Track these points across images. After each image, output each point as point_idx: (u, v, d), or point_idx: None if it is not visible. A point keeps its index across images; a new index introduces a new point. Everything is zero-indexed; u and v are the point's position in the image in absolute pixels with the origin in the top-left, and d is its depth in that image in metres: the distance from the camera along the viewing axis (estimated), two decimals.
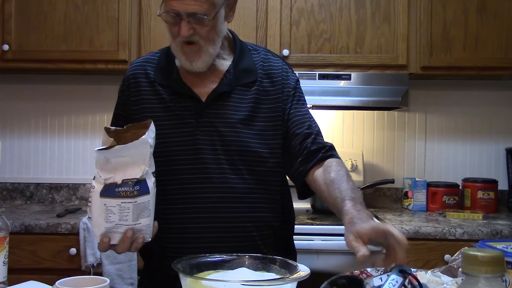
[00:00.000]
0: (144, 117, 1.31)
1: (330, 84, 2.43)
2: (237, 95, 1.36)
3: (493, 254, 0.64)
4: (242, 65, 1.39)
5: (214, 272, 1.03)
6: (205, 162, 1.31)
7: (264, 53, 1.45)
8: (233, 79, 1.37)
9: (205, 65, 1.33)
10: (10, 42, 2.44)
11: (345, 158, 2.68)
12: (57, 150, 2.83)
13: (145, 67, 1.42)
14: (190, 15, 1.26)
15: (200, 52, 1.31)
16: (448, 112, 2.82)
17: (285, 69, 1.44)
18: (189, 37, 1.28)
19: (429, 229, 2.14)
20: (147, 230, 1.14)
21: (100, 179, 1.10)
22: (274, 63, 1.43)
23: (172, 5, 1.26)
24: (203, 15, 1.26)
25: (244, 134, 1.33)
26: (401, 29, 2.44)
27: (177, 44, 1.32)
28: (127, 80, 1.42)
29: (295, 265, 1.00)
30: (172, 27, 1.30)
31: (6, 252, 1.14)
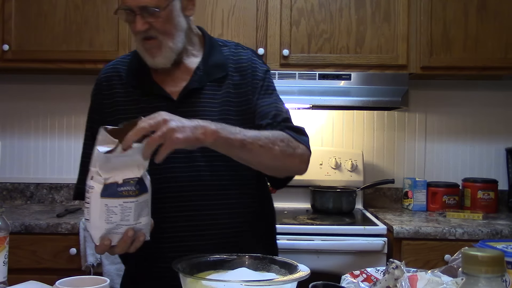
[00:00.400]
0: (118, 119, 1.30)
1: (330, 84, 2.43)
2: (208, 91, 1.35)
3: (493, 254, 0.64)
4: (212, 61, 1.38)
5: (214, 272, 1.03)
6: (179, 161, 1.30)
7: (234, 47, 1.44)
8: (203, 75, 1.36)
9: (167, 61, 1.33)
10: (10, 42, 2.44)
11: (345, 158, 2.68)
12: (57, 150, 2.83)
13: (117, 69, 1.42)
14: (142, 9, 1.26)
15: (160, 47, 1.31)
16: (448, 112, 2.82)
17: (254, 61, 1.42)
18: (146, 32, 1.28)
19: (429, 229, 2.14)
20: (147, 229, 1.13)
21: (99, 179, 1.06)
22: (244, 56, 1.42)
23: (125, 1, 1.26)
24: (155, 8, 1.26)
25: None
26: (401, 29, 2.44)
27: (138, 42, 1.32)
28: (99, 84, 1.42)
29: (295, 265, 1.00)
30: (131, 25, 1.30)
31: (6, 252, 1.14)
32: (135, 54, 1.42)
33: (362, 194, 2.69)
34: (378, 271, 1.03)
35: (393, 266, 0.93)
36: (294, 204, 2.67)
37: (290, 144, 1.27)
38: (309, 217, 2.42)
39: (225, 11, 2.45)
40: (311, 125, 2.82)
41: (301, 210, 2.59)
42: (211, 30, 2.44)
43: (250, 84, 1.38)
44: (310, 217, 2.42)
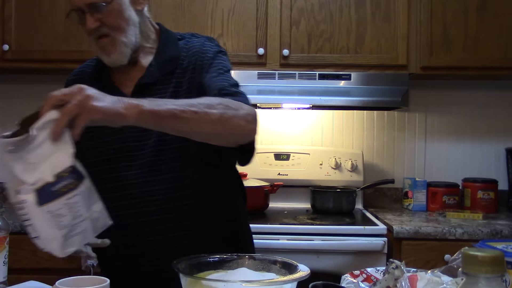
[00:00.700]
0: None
1: (330, 84, 2.43)
2: (160, 85, 1.35)
3: (493, 254, 0.64)
4: (165, 56, 1.38)
5: (214, 272, 1.03)
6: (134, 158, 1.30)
7: (188, 37, 1.43)
8: (155, 70, 1.36)
9: (122, 56, 1.33)
10: (10, 42, 2.44)
11: (345, 158, 2.68)
12: None
13: (83, 72, 1.44)
14: (90, 7, 1.26)
15: (114, 43, 1.31)
16: (448, 112, 2.82)
17: (204, 45, 1.39)
18: (98, 30, 1.28)
19: (429, 229, 2.14)
20: (104, 214, 1.02)
21: (27, 188, 0.90)
22: (195, 44, 1.40)
23: (73, 2, 1.26)
24: (102, 3, 1.26)
25: None
26: (401, 29, 2.44)
27: (93, 42, 1.32)
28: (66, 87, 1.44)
29: (295, 265, 1.00)
30: (83, 26, 1.30)
31: (6, 252, 1.14)
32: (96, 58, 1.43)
33: (362, 194, 2.69)
34: (378, 271, 1.03)
35: (393, 266, 0.93)
36: (294, 204, 2.67)
37: (230, 105, 1.15)
38: (309, 217, 2.42)
39: (225, 11, 2.45)
40: (311, 125, 2.82)
41: (301, 210, 2.59)
42: (211, 30, 2.44)
43: (198, 67, 1.34)
44: (310, 217, 2.42)
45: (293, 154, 2.70)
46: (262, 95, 2.43)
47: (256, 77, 2.42)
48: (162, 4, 2.44)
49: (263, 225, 2.18)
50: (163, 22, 2.43)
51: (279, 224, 2.23)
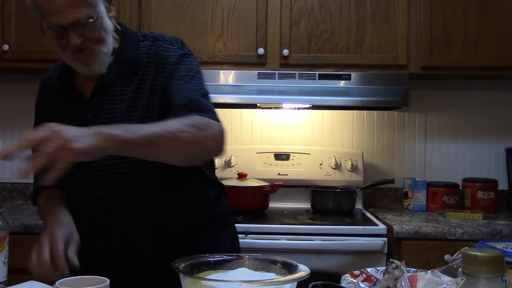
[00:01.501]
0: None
1: (330, 84, 2.43)
2: (119, 87, 1.34)
3: (493, 254, 0.64)
4: (124, 57, 1.37)
5: (214, 272, 1.03)
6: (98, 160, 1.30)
7: (151, 40, 1.40)
8: (114, 71, 1.35)
9: (103, 66, 1.33)
10: (10, 42, 2.44)
11: (345, 158, 2.68)
12: None
13: (51, 76, 1.47)
14: (74, 24, 1.25)
15: (93, 54, 1.30)
16: (448, 112, 2.82)
17: (166, 49, 1.36)
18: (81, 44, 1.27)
19: (429, 229, 2.14)
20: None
21: None
22: (158, 47, 1.37)
23: (53, 20, 1.24)
24: (88, 19, 1.25)
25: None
26: (401, 29, 2.44)
27: (69, 55, 1.31)
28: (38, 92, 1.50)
29: (295, 265, 1.00)
30: (59, 41, 1.29)
31: (6, 252, 1.14)
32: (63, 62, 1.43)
33: (362, 194, 2.69)
34: (378, 271, 1.03)
35: (393, 266, 0.93)
36: (294, 204, 2.67)
37: (200, 126, 1.17)
38: (309, 217, 2.42)
39: (225, 11, 2.45)
40: (311, 125, 2.82)
41: (301, 210, 2.59)
42: (211, 30, 2.45)
43: (161, 72, 1.33)
44: (310, 217, 2.42)
45: (293, 154, 2.70)
46: (262, 95, 2.43)
47: (256, 77, 2.42)
48: (162, 4, 2.44)
49: (263, 225, 2.18)
50: (163, 22, 2.45)
51: (279, 224, 2.23)
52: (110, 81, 1.34)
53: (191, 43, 2.36)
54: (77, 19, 1.24)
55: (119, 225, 1.32)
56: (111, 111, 1.32)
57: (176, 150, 1.13)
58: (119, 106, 1.32)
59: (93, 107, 1.34)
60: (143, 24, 2.44)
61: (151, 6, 2.45)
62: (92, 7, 1.26)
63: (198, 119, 1.18)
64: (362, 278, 1.02)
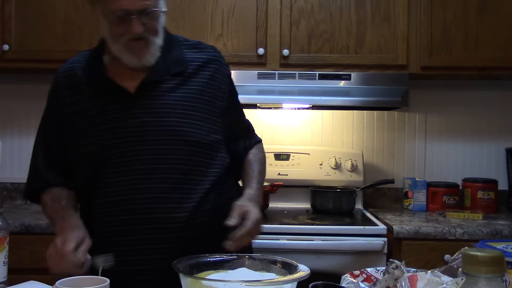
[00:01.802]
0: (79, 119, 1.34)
1: (330, 84, 2.43)
2: (168, 84, 1.36)
3: (493, 254, 0.64)
4: (171, 56, 1.39)
5: (214, 272, 1.03)
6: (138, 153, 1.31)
7: (196, 44, 1.47)
8: (162, 69, 1.36)
9: (153, 58, 1.35)
10: (10, 42, 2.44)
11: (345, 158, 2.68)
12: None
13: (74, 68, 1.43)
14: (140, 12, 1.26)
15: (148, 46, 1.32)
16: (448, 112, 2.82)
17: (219, 58, 1.47)
18: (142, 33, 1.29)
19: (429, 229, 2.14)
20: None
21: None
22: (207, 53, 1.44)
23: (121, 5, 1.25)
24: (155, 9, 1.28)
25: (172, 121, 1.33)
26: (401, 29, 2.44)
27: (121, 43, 1.31)
28: (57, 83, 1.43)
29: (295, 265, 1.00)
30: (118, 27, 1.29)
31: (6, 252, 1.14)
32: (92, 52, 1.43)
33: (362, 194, 2.69)
34: (378, 271, 1.03)
35: (393, 266, 0.93)
36: (294, 204, 2.66)
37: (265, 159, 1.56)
38: (309, 217, 2.42)
39: (225, 11, 2.45)
40: (311, 125, 2.82)
41: (301, 210, 2.59)
42: (211, 30, 2.44)
43: (217, 88, 1.42)
44: (310, 217, 2.42)
45: (293, 154, 2.70)
46: (262, 95, 2.43)
47: (256, 77, 2.42)
48: None
49: (263, 225, 2.18)
50: None
51: (279, 224, 2.23)
52: (158, 77, 1.36)
53: None
54: (145, 6, 1.26)
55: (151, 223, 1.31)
56: (159, 108, 1.33)
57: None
58: (166, 104, 1.34)
59: (140, 102, 1.34)
60: None
61: None
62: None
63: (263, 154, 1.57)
64: (362, 278, 1.02)
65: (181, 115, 1.34)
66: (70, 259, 1.16)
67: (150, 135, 1.31)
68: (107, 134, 1.32)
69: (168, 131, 1.32)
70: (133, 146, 1.31)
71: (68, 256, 1.16)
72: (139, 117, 1.32)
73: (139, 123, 1.31)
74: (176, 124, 1.33)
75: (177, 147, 1.32)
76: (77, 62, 1.44)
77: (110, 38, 1.33)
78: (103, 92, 1.36)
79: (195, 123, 1.35)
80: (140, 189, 1.30)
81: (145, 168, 1.31)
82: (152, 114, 1.32)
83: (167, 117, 1.32)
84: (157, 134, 1.31)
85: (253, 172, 1.46)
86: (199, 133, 1.35)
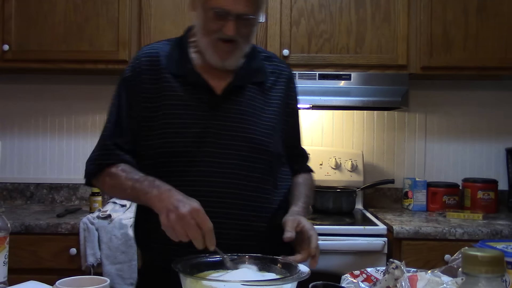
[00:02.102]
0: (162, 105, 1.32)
1: (330, 84, 2.43)
2: (249, 92, 1.38)
3: (493, 254, 0.64)
4: (253, 64, 1.42)
5: (214, 272, 1.03)
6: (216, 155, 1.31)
7: (272, 57, 1.50)
8: (246, 75, 1.39)
9: (237, 63, 1.36)
10: (10, 42, 2.44)
11: (345, 158, 2.68)
12: (57, 150, 2.83)
13: (158, 54, 1.39)
14: (239, 16, 1.27)
15: (235, 50, 1.33)
16: (448, 112, 2.82)
17: (292, 80, 1.50)
18: (233, 36, 1.29)
19: (429, 229, 2.14)
20: None
21: None
22: (284, 71, 1.48)
23: (224, 4, 1.26)
24: (253, 16, 1.29)
25: (254, 129, 1.35)
26: (401, 29, 2.44)
27: (210, 40, 1.32)
28: (138, 66, 1.38)
29: (295, 265, 1.00)
30: (212, 23, 1.29)
31: (6, 252, 1.14)
32: (175, 43, 1.42)
33: (362, 194, 2.69)
34: (378, 271, 1.03)
35: (393, 266, 0.93)
36: None
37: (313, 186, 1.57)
38: (309, 217, 2.41)
39: None
40: (311, 125, 2.82)
41: None
42: None
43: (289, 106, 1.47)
44: (310, 217, 2.41)
45: None
46: None
47: None
48: (162, 4, 2.44)
49: None
50: (163, 22, 2.45)
51: None
52: (242, 83, 1.38)
53: None
54: (245, 12, 1.27)
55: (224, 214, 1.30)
56: (241, 114, 1.35)
57: None
58: (248, 111, 1.36)
59: (224, 104, 1.35)
60: (143, 24, 2.44)
61: (151, 6, 2.45)
62: (260, 9, 1.33)
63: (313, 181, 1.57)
64: (362, 278, 1.02)
65: (261, 125, 1.36)
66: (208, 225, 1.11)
67: (229, 140, 1.32)
68: (187, 129, 1.31)
69: (248, 138, 1.34)
70: (211, 147, 1.31)
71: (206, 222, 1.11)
72: (221, 119, 1.33)
73: (220, 126, 1.33)
74: (257, 133, 1.35)
75: (255, 156, 1.34)
76: (159, 49, 1.41)
77: (201, 31, 1.33)
78: (189, 85, 1.35)
79: (272, 134, 1.38)
80: (211, 192, 1.29)
81: (218, 172, 1.30)
82: (234, 119, 1.34)
83: (249, 124, 1.35)
84: (236, 139, 1.33)
85: (300, 194, 1.44)
86: (275, 145, 1.38)
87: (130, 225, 2.13)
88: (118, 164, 1.32)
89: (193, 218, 1.09)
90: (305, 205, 1.41)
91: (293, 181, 1.49)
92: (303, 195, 1.44)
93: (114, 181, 1.31)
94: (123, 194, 1.34)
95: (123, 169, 1.31)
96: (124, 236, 2.13)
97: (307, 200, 1.44)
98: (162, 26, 2.44)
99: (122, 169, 1.30)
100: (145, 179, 1.25)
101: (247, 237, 1.28)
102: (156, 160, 1.33)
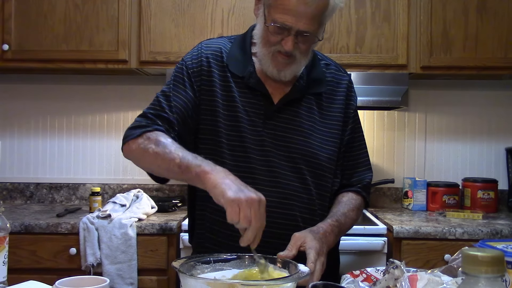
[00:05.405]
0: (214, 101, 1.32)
1: None
2: (306, 103, 1.39)
3: (493, 254, 0.64)
4: (314, 74, 1.41)
5: (214, 272, 1.03)
6: (272, 165, 1.33)
7: (334, 66, 1.49)
8: (305, 86, 1.39)
9: (293, 76, 1.35)
10: (10, 42, 2.44)
11: None
12: (57, 150, 2.83)
13: (220, 51, 1.39)
14: (300, 32, 1.26)
15: (292, 64, 1.32)
16: (448, 112, 2.82)
17: (351, 88, 1.49)
18: (292, 51, 1.29)
19: (429, 229, 2.14)
20: None
21: None
22: (342, 79, 1.47)
23: (285, 19, 1.25)
24: (313, 34, 1.28)
25: (308, 142, 1.36)
26: (401, 29, 2.44)
27: (269, 51, 1.31)
28: (202, 56, 1.37)
29: (295, 265, 1.00)
30: (272, 36, 1.29)
31: (6, 252, 1.14)
32: (238, 42, 1.41)
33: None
34: (378, 271, 1.03)
35: (393, 266, 0.93)
36: None
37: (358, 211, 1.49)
38: None
39: (225, 11, 2.45)
40: None
41: None
42: (211, 30, 2.44)
43: (343, 109, 1.44)
44: None
45: None
46: None
47: None
48: (162, 4, 2.44)
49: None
50: (163, 22, 2.45)
51: None
52: (300, 94, 1.38)
53: (191, 43, 2.36)
54: (306, 29, 1.26)
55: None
56: (296, 126, 1.36)
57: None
58: (304, 123, 1.36)
59: (279, 114, 1.36)
60: (143, 24, 2.44)
61: (151, 6, 2.45)
62: (321, 27, 1.31)
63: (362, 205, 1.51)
64: (362, 278, 1.02)
65: (316, 138, 1.37)
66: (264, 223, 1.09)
67: (283, 151, 1.34)
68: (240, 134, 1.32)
69: (302, 151, 1.35)
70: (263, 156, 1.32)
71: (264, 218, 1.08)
72: (274, 129, 1.34)
73: (275, 136, 1.34)
74: (312, 146, 1.36)
75: (308, 169, 1.35)
76: (222, 45, 1.41)
77: (261, 41, 1.33)
78: (246, 88, 1.35)
79: (327, 148, 1.38)
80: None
81: (269, 181, 1.32)
82: (289, 130, 1.35)
83: (304, 137, 1.35)
84: (290, 151, 1.34)
85: (338, 212, 1.39)
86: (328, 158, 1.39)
87: (130, 224, 2.13)
88: (166, 135, 1.25)
89: (261, 207, 1.06)
90: (335, 223, 1.35)
91: (337, 198, 1.46)
92: (339, 213, 1.39)
93: (161, 149, 1.20)
94: (165, 164, 1.19)
95: (172, 141, 1.23)
96: (124, 236, 2.13)
97: (341, 217, 1.38)
98: (162, 26, 2.44)
99: (172, 141, 1.23)
100: (197, 156, 1.17)
101: (282, 246, 1.26)
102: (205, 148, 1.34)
